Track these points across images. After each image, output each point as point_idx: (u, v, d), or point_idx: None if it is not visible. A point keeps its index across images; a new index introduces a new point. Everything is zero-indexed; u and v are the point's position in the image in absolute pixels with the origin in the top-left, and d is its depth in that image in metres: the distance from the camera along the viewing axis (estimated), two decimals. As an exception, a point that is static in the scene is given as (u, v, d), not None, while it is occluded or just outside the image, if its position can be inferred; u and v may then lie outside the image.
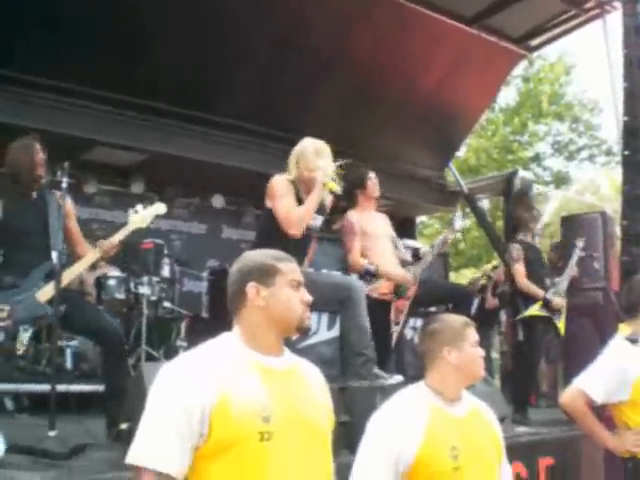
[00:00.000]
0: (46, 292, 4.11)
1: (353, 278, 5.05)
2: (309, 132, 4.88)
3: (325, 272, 5.57)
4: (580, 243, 6.65)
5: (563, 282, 6.38)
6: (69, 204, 4.45)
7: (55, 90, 6.89)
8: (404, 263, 5.67)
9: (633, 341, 3.70)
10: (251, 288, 2.15)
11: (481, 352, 2.74)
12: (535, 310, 6.20)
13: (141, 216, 4.49)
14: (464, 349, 2.68)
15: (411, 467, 2.48)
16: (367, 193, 5.64)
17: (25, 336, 4.06)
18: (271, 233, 4.42)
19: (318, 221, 4.69)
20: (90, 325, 4.32)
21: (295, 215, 4.42)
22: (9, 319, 4.02)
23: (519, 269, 6.30)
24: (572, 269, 6.53)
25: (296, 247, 4.07)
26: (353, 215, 5.57)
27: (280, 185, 4.52)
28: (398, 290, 5.48)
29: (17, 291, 4.11)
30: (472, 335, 2.73)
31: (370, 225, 5.55)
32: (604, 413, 3.86)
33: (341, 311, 4.67)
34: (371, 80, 8.81)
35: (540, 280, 6.33)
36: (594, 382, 3.67)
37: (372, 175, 5.69)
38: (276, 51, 8.00)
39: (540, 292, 6.22)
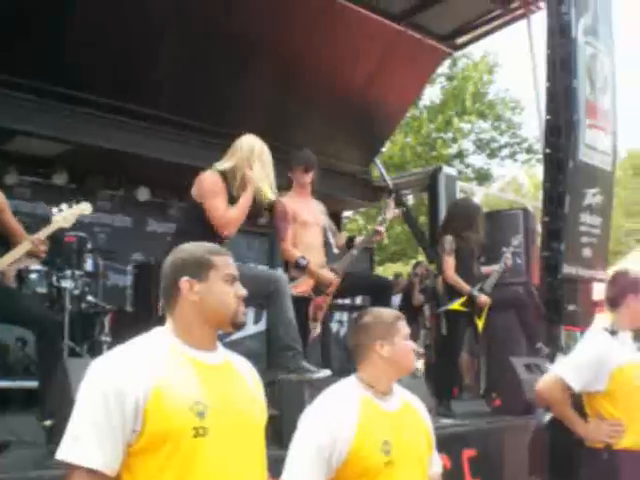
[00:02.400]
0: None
1: (279, 271, 4.99)
2: (233, 125, 4.85)
3: (251, 265, 5.50)
4: (515, 241, 6.61)
5: (491, 278, 6.32)
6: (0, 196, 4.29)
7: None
8: (339, 247, 5.62)
9: (613, 332, 3.72)
10: (185, 282, 2.10)
11: (412, 345, 2.76)
12: (457, 305, 6.15)
13: (64, 216, 4.36)
14: (396, 343, 2.68)
15: (344, 462, 2.47)
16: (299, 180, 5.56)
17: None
18: (197, 228, 4.33)
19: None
20: (25, 313, 4.18)
21: (229, 217, 4.39)
22: None
23: (448, 261, 6.17)
24: (502, 266, 6.43)
25: (221, 244, 4.02)
26: (286, 200, 5.42)
27: (212, 183, 4.44)
28: (319, 288, 5.33)
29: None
30: (403, 328, 2.74)
31: (301, 213, 5.43)
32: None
33: (267, 305, 4.62)
34: (298, 73, 8.83)
35: (470, 273, 6.24)
36: (573, 370, 3.65)
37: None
38: (201, 41, 7.92)
39: (466, 287, 6.13)
